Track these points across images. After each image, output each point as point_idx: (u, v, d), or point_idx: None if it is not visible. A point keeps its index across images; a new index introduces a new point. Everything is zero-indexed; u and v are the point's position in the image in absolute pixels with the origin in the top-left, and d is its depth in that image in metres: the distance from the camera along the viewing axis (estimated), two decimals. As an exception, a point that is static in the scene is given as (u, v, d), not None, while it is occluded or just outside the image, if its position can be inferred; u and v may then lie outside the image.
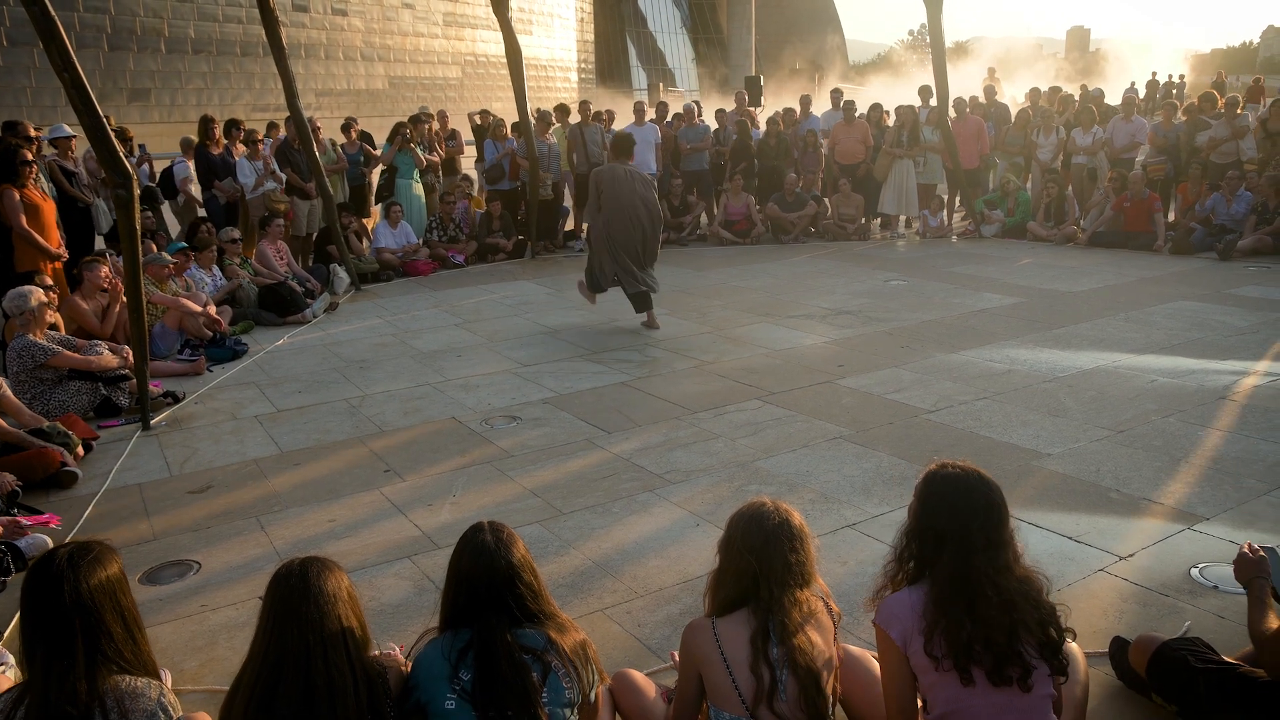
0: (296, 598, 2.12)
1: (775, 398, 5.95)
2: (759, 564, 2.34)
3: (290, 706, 2.07)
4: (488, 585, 2.27)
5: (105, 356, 6.04)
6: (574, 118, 12.51)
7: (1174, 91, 22.96)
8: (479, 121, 13.03)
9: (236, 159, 10.15)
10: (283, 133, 10.97)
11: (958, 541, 2.29)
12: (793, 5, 79.29)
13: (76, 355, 5.91)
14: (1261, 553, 2.70)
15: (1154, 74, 25.42)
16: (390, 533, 4.27)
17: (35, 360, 5.73)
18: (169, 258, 7.89)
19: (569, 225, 12.76)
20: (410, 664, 2.35)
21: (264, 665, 2.10)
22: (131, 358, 6.11)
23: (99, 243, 9.42)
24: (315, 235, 10.76)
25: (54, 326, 6.40)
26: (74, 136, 9.13)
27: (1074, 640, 2.45)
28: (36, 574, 2.13)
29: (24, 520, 4.27)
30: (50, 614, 2.07)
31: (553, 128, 12.13)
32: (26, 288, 5.95)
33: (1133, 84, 23.69)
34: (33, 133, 8.31)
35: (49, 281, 6.89)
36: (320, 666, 2.09)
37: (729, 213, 12.33)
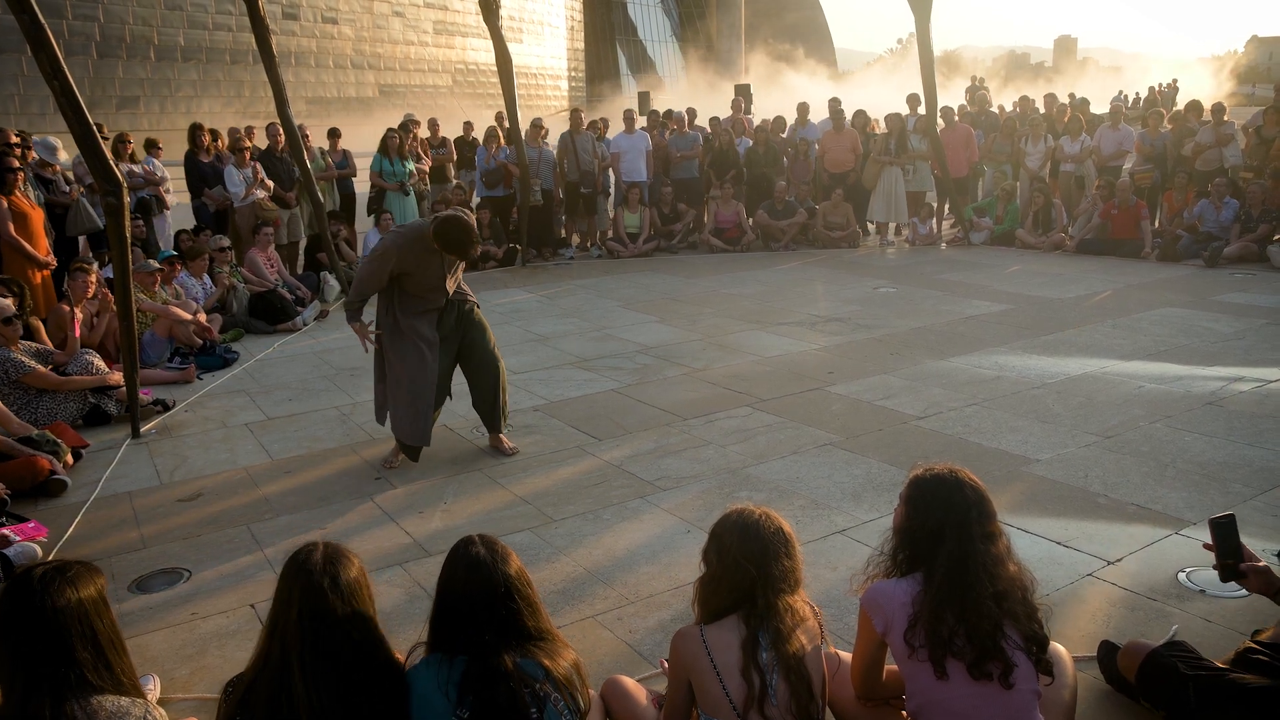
0: (325, 591, 2.14)
1: (765, 405, 5.97)
2: (758, 572, 2.34)
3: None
4: (485, 602, 2.17)
5: (81, 378, 5.99)
6: (564, 125, 12.54)
7: (1158, 100, 23.16)
8: (476, 135, 12.94)
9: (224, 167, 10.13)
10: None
11: (958, 532, 2.34)
12: (782, 14, 79.66)
13: (53, 375, 5.87)
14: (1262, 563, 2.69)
15: (1159, 84, 25.68)
16: (382, 540, 4.27)
17: (9, 375, 5.69)
18: (155, 264, 7.87)
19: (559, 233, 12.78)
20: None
21: (279, 665, 2.09)
22: (113, 378, 6.11)
23: (81, 248, 9.33)
24: (305, 243, 10.74)
25: (32, 335, 6.35)
26: (55, 149, 9.08)
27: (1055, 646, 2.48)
28: (16, 590, 2.07)
29: (10, 532, 4.24)
30: (35, 629, 2.02)
31: (543, 134, 12.15)
32: None
33: (1121, 92, 23.89)
34: (13, 139, 8.25)
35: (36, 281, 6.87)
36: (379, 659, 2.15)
37: (719, 220, 12.36)
